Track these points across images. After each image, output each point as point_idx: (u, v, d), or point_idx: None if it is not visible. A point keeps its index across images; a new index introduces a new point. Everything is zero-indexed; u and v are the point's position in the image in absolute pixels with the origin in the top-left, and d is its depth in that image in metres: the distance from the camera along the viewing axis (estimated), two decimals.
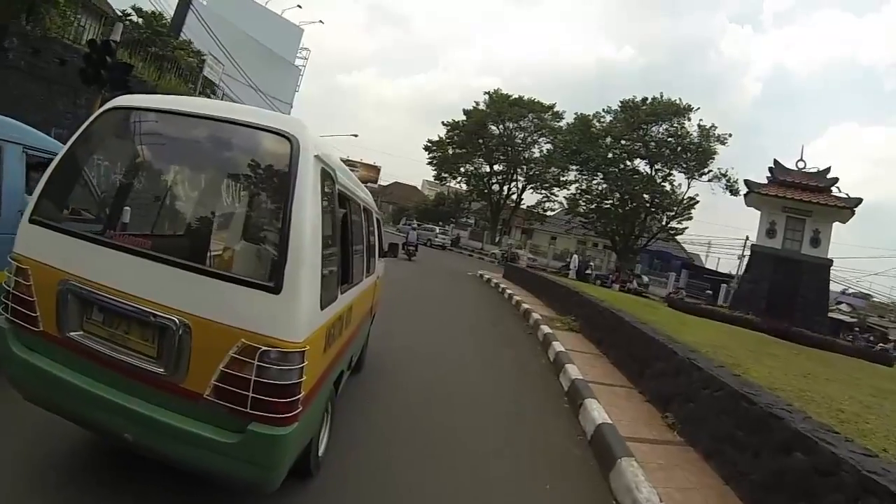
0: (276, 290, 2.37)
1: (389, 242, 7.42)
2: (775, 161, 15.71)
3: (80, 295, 2.56)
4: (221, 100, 21.83)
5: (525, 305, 12.90)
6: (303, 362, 2.43)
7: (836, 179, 15.13)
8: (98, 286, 2.53)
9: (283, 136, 2.62)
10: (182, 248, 2.74)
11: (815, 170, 15.52)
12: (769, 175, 15.77)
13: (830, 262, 14.65)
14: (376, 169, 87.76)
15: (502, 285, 18.49)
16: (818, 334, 12.75)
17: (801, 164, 15.64)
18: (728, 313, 13.54)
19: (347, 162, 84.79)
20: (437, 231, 45.03)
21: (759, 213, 15.99)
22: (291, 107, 37.99)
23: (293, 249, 2.42)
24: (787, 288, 14.26)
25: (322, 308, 2.72)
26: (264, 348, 2.33)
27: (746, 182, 15.32)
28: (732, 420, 4.56)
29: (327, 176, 2.92)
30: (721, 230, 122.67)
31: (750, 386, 4.90)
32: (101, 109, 2.96)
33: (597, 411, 5.41)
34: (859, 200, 14.35)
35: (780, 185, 15.09)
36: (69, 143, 2.93)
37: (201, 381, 2.38)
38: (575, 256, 29.46)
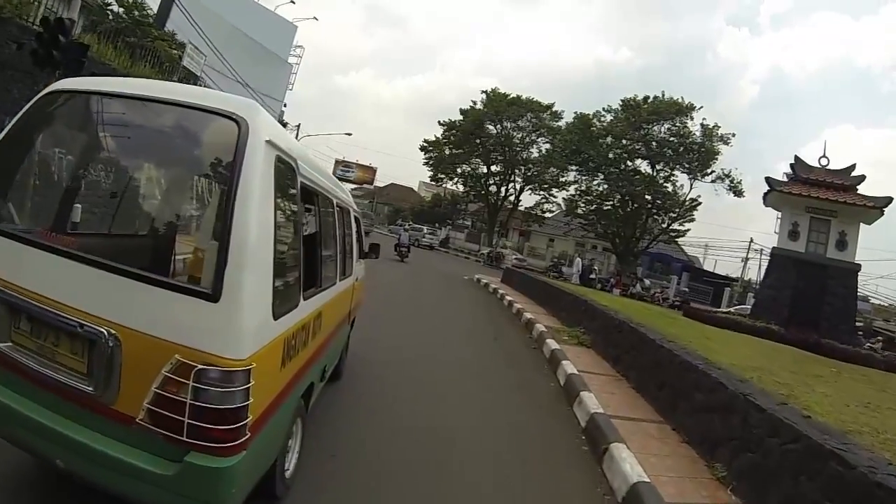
0: (215, 297, 2.04)
1: (371, 242, 6.97)
2: (796, 158, 14.52)
3: (7, 301, 2.30)
4: None
5: (528, 315, 11.71)
6: (247, 382, 2.08)
7: (862, 177, 13.97)
8: (24, 292, 2.26)
9: (229, 118, 2.28)
10: (114, 248, 2.58)
11: (836, 167, 14.38)
12: (790, 173, 14.59)
13: (858, 266, 13.46)
14: (372, 170, 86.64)
15: (501, 291, 17.31)
16: (848, 346, 11.58)
17: (823, 161, 14.44)
18: (750, 323, 12.35)
19: (342, 162, 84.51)
20: (425, 231, 45.38)
21: (777, 213, 14.87)
22: (284, 104, 36.71)
23: (235, 250, 2.08)
24: (811, 295, 13.09)
25: (276, 317, 2.39)
26: (201, 366, 2.00)
27: (768, 180, 14.10)
28: (819, 487, 3.38)
29: (285, 166, 2.58)
30: (717, 231, 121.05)
31: (833, 435, 3.71)
32: (40, 94, 2.69)
33: (628, 463, 4.20)
34: (889, 200, 13.18)
35: (803, 183, 13.89)
36: (3, 132, 2.63)
37: (133, 403, 2.07)
38: (578, 260, 27.95)
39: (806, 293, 13.11)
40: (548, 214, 52.16)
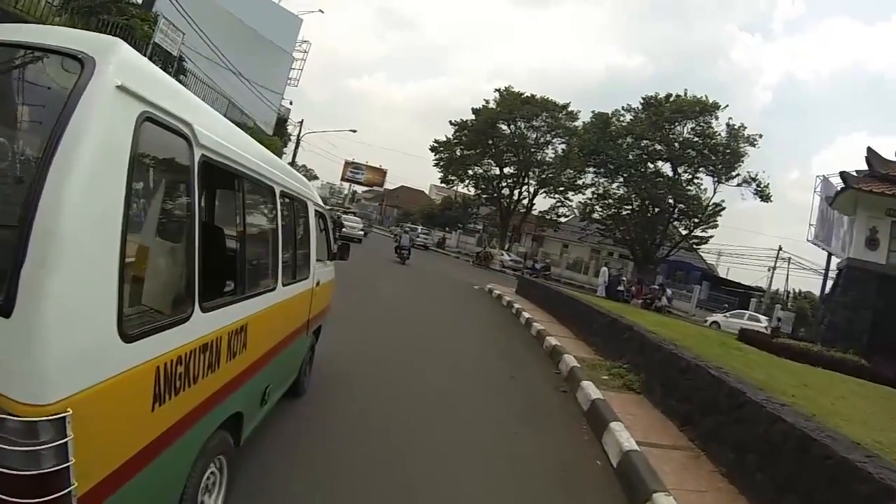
0: (5, 310, 1.38)
1: (341, 242, 6.26)
2: (869, 150, 12.15)
3: None
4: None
5: (552, 340, 9.40)
6: (62, 436, 1.42)
7: None
8: None
9: (73, 57, 1.64)
10: None
11: None
12: (865, 169, 12.18)
13: None
14: (382, 172, 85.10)
15: (518, 305, 14.92)
16: None
17: None
18: (824, 354, 9.98)
19: (352, 164, 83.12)
20: (419, 231, 45.12)
21: (846, 218, 12.51)
22: (289, 101, 34.58)
23: (39, 240, 1.41)
24: None
25: (132, 339, 1.73)
26: None
27: (843, 175, 11.67)
28: None
29: (162, 128, 1.89)
30: (728, 236, 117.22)
31: None
32: None
33: None
34: None
35: (883, 180, 11.49)
36: None
37: None
38: (604, 269, 24.84)
39: (890, 315, 10.72)
40: (562, 219, 49.83)
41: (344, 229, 29.78)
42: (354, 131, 42.44)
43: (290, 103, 47.69)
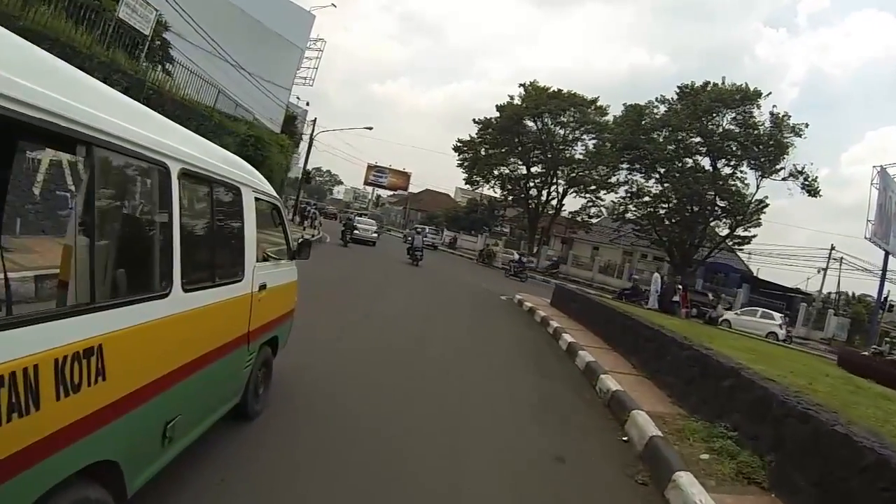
0: None
1: (300, 241, 5.17)
2: None
3: None
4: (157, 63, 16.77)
5: (609, 382, 6.81)
6: None
7: None
8: None
9: None
10: None
11: None
12: None
13: None
14: (406, 175, 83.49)
15: (555, 323, 12.34)
16: None
17: None
18: None
19: (375, 167, 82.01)
20: (427, 231, 43.69)
21: None
22: (290, 92, 32.48)
23: None
24: None
25: None
26: None
27: None
28: None
29: None
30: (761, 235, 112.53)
31: None
32: None
33: None
34: None
35: None
36: None
37: None
38: (656, 276, 20.91)
39: None
40: (593, 220, 46.97)
41: (356, 232, 28.32)
42: (370, 128, 40.09)
43: (307, 104, 46.09)
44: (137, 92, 12.98)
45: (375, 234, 31.07)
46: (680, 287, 22.60)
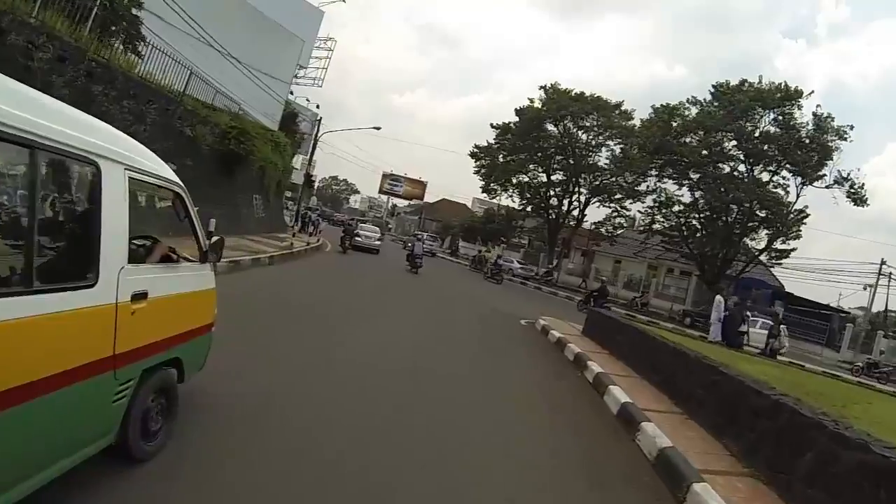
0: None
1: (212, 240, 4.34)
2: None
3: None
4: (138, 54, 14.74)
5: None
6: None
7: None
8: None
9: None
10: None
11: None
12: None
13: None
14: (422, 184, 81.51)
15: (594, 365, 8.88)
16: None
17: None
18: None
19: (390, 176, 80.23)
20: (425, 237, 42.40)
21: None
22: (290, 86, 30.46)
23: None
24: None
25: None
26: None
27: None
28: None
29: None
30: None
31: None
32: None
33: None
34: None
35: None
36: None
37: None
38: (718, 298, 15.64)
39: None
40: (618, 231, 44.00)
41: (357, 239, 26.93)
42: (378, 128, 37.54)
43: (318, 106, 44.17)
44: (76, 62, 10.87)
45: (378, 242, 29.81)
46: (749, 314, 18.21)
